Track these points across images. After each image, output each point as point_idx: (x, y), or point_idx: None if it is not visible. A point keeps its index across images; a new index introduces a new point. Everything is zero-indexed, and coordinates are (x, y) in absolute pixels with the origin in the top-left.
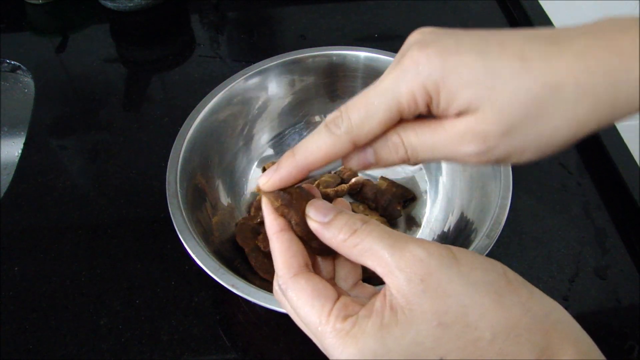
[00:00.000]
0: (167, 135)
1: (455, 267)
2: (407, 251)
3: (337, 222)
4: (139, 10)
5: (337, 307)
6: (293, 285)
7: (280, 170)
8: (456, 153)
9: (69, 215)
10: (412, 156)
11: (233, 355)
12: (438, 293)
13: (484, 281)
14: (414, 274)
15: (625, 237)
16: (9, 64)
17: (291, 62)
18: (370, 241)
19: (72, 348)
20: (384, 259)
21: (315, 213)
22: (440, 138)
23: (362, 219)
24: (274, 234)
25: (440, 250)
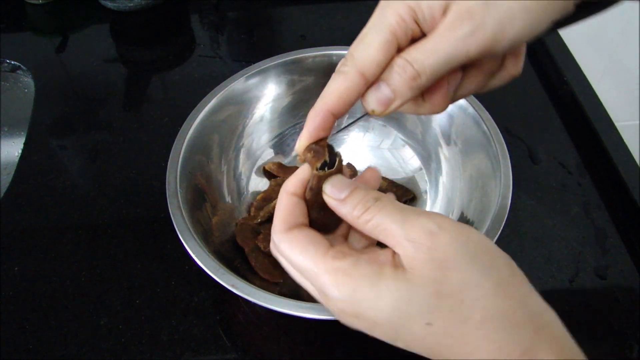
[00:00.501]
0: (167, 135)
1: (465, 244)
2: (418, 223)
3: (352, 200)
4: (139, 10)
5: (333, 250)
6: (286, 237)
7: (307, 125)
8: (453, 42)
9: (69, 215)
10: (421, 70)
11: (233, 355)
12: (442, 263)
13: (490, 266)
14: (422, 244)
15: (625, 237)
16: (9, 64)
17: (291, 62)
18: (381, 217)
19: (72, 348)
20: (394, 233)
21: (332, 189)
22: (437, 39)
23: (376, 196)
24: (286, 192)
25: (453, 226)
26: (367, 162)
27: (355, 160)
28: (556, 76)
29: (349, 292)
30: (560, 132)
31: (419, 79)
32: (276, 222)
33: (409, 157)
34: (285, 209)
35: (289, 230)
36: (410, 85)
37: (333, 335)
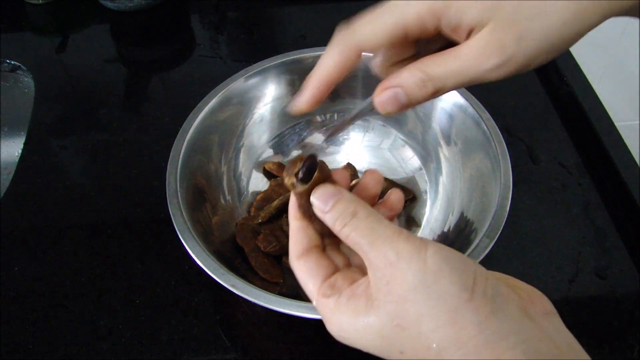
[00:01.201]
0: (167, 135)
1: (421, 274)
2: (381, 251)
3: (334, 212)
4: (139, 10)
5: (324, 285)
6: (295, 265)
7: (303, 91)
8: (480, 71)
9: (69, 215)
10: (440, 87)
11: (233, 355)
12: (400, 297)
13: (445, 294)
14: (383, 275)
15: (625, 237)
16: (9, 64)
17: (291, 62)
18: (355, 236)
19: (72, 348)
20: (366, 255)
21: (318, 201)
22: (462, 61)
23: (353, 210)
24: (291, 220)
25: (411, 253)
26: (367, 162)
27: (355, 160)
28: (556, 76)
29: (337, 328)
30: (560, 132)
31: (437, 94)
32: (289, 249)
33: (409, 157)
34: (292, 235)
35: (298, 258)
36: (427, 97)
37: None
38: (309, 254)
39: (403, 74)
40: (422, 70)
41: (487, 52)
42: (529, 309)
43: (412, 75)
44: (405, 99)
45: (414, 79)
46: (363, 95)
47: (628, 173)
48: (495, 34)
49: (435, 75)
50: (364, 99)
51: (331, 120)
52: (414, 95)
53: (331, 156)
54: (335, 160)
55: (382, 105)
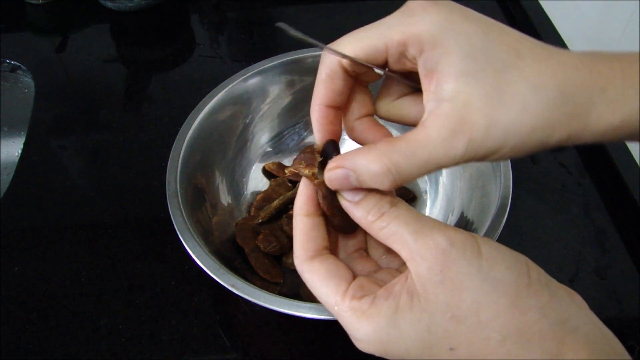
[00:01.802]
0: (167, 135)
1: (476, 260)
2: (431, 239)
3: (367, 203)
4: (139, 10)
5: (352, 287)
6: (307, 267)
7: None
8: (445, 158)
9: (69, 215)
10: (402, 180)
11: (233, 355)
12: (455, 285)
13: (503, 280)
14: (435, 263)
15: (625, 237)
16: (9, 64)
17: (291, 62)
18: (396, 225)
19: (72, 348)
20: (408, 245)
21: (347, 191)
22: (427, 150)
23: (391, 201)
24: (298, 215)
25: (464, 241)
26: None
27: None
28: None
29: (370, 333)
30: None
31: (394, 183)
32: (296, 248)
33: None
34: (302, 234)
35: (310, 259)
36: (381, 188)
37: (333, 335)
38: (324, 255)
39: (361, 158)
40: (389, 158)
41: (452, 137)
42: (574, 298)
43: (374, 161)
44: (355, 183)
45: (375, 166)
46: None
47: (628, 173)
48: (460, 111)
49: (401, 167)
50: None
51: None
52: (368, 183)
53: None
54: None
55: (330, 182)
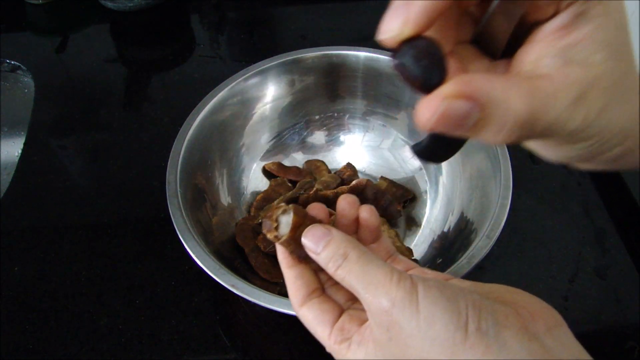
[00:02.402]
0: (167, 135)
1: (415, 320)
2: (376, 299)
3: (326, 253)
4: (139, 10)
5: (334, 332)
6: (300, 313)
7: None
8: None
9: (69, 215)
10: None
11: (233, 355)
12: (400, 342)
13: (440, 337)
14: (381, 322)
15: (625, 237)
16: (9, 64)
17: (291, 62)
18: (350, 279)
19: (72, 348)
20: (361, 299)
21: (310, 242)
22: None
23: (344, 253)
24: (283, 268)
25: (404, 299)
26: (367, 162)
27: (355, 161)
28: None
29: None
30: None
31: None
32: (290, 297)
33: (409, 157)
34: (290, 284)
35: (300, 306)
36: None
37: None
38: (311, 300)
39: (502, 88)
40: (537, 99)
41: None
42: (530, 328)
43: (520, 97)
44: (470, 125)
45: (521, 105)
46: (363, 95)
47: (628, 173)
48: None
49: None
50: (364, 99)
51: (331, 121)
52: (487, 130)
53: (331, 156)
54: (335, 160)
55: (440, 120)
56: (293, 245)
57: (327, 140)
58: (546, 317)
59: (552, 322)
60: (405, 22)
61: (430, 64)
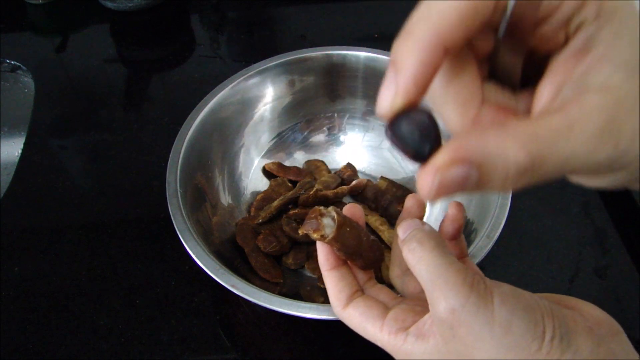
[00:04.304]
0: (167, 135)
1: (489, 325)
2: (444, 295)
3: (404, 237)
4: (139, 10)
5: (387, 322)
6: (344, 315)
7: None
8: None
9: (69, 215)
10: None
11: (233, 355)
12: (467, 344)
13: (517, 345)
14: (445, 319)
15: (625, 237)
16: (9, 64)
17: (291, 62)
18: (420, 268)
19: (72, 348)
20: (428, 292)
21: (401, 231)
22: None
23: (421, 239)
24: (325, 271)
25: (477, 305)
26: (367, 162)
27: (355, 160)
28: None
29: None
30: None
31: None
32: (331, 300)
33: None
34: (332, 287)
35: (344, 307)
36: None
37: (333, 335)
38: (355, 300)
39: (496, 143)
40: (535, 146)
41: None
42: (596, 332)
43: (517, 149)
44: (472, 186)
45: (520, 156)
46: (363, 95)
47: None
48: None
49: (545, 161)
50: (364, 99)
51: (331, 121)
52: (493, 185)
53: (331, 156)
54: (335, 160)
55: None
56: (340, 243)
57: (327, 140)
58: (610, 324)
59: (614, 329)
60: (396, 95)
61: (422, 135)
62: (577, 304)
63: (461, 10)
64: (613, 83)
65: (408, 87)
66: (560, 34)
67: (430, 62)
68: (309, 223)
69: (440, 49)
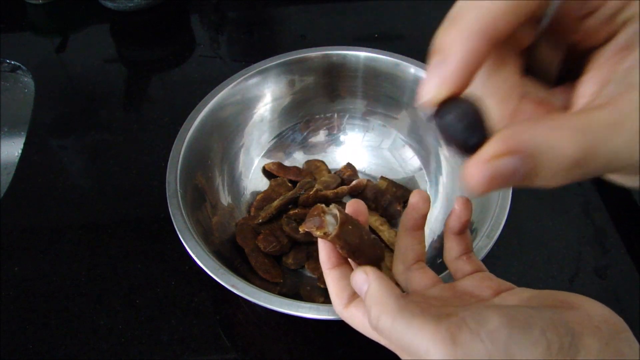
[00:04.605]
0: (167, 135)
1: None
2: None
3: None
4: (139, 10)
5: None
6: (346, 314)
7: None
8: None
9: (69, 215)
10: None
11: (233, 355)
12: None
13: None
14: None
15: (625, 237)
16: (9, 64)
17: (291, 62)
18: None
19: (72, 348)
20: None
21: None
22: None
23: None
24: (327, 269)
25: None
26: (367, 162)
27: (355, 160)
28: None
29: None
30: None
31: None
32: (332, 299)
33: (409, 157)
34: (333, 285)
35: (346, 306)
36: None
37: (333, 335)
38: (357, 299)
39: (547, 134)
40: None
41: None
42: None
43: (569, 140)
44: (521, 177)
45: (571, 148)
46: (363, 95)
47: None
48: None
49: (597, 154)
50: (364, 99)
51: (331, 121)
52: (542, 178)
53: (331, 156)
54: (335, 160)
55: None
56: (342, 241)
57: (327, 140)
58: (614, 321)
59: (621, 327)
60: (442, 83)
61: (470, 125)
62: (582, 302)
63: None
64: None
65: (455, 76)
66: (604, 29)
67: (478, 51)
68: (311, 220)
69: (489, 39)
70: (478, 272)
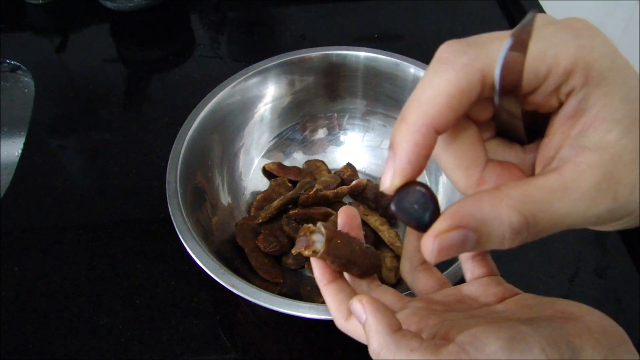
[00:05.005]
0: (167, 135)
1: None
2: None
3: None
4: (139, 10)
5: None
6: (348, 327)
7: (397, 152)
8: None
9: (69, 215)
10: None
11: (233, 355)
12: None
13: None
14: None
15: (625, 237)
16: (9, 64)
17: (291, 62)
18: None
19: (72, 348)
20: None
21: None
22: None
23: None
24: (323, 286)
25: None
26: (367, 162)
27: (355, 160)
28: None
29: None
30: None
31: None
32: (332, 313)
33: None
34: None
35: (347, 319)
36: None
37: (333, 335)
38: None
39: (489, 208)
40: (528, 208)
41: (599, 193)
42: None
43: (510, 212)
44: (471, 248)
45: (514, 218)
46: (363, 95)
47: None
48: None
49: (538, 221)
50: (364, 99)
51: (331, 121)
52: (490, 244)
53: (331, 156)
54: (335, 160)
55: (439, 252)
56: (332, 256)
57: (327, 140)
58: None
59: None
60: (395, 175)
61: (422, 206)
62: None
63: (448, 96)
64: (609, 140)
65: (404, 167)
66: (552, 100)
67: (422, 144)
68: (300, 241)
69: (432, 132)
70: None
